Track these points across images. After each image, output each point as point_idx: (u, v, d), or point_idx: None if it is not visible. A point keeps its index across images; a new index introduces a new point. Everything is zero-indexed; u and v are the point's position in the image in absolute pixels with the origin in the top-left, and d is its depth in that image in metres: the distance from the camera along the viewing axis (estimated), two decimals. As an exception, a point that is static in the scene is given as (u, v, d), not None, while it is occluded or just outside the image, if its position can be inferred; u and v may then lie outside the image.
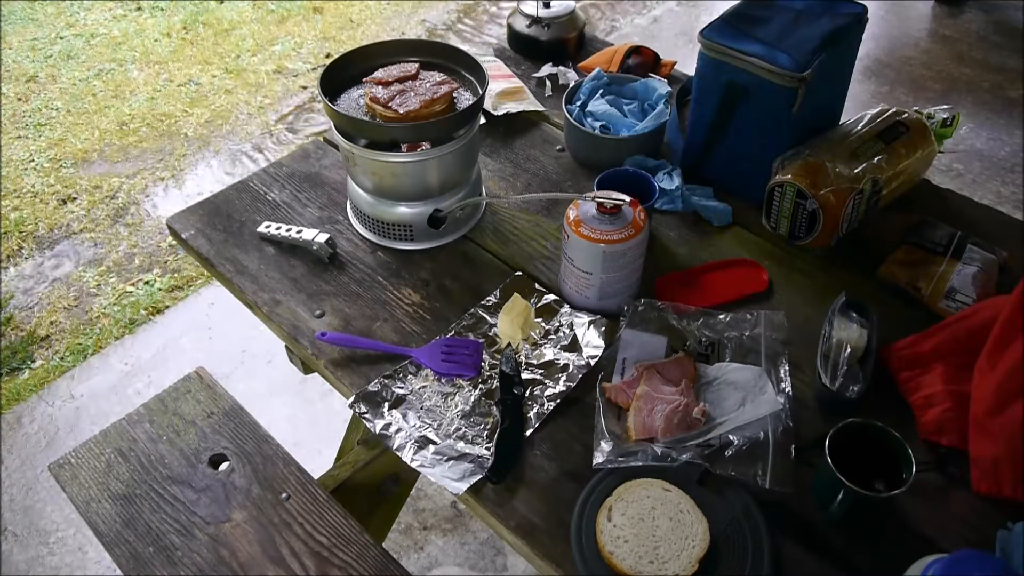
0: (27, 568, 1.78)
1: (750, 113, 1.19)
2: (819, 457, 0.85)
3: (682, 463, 0.90)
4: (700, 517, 0.85)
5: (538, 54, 1.58)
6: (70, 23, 3.59)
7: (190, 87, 3.20)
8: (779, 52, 1.12)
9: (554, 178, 1.34)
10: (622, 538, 0.84)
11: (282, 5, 3.67)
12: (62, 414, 2.08)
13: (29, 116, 3.06)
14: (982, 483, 0.89)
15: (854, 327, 1.00)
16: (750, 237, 1.22)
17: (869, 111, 1.24)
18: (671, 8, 3.61)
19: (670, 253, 1.20)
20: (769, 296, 1.12)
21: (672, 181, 1.25)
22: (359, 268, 1.19)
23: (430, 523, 1.81)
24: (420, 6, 3.69)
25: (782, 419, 0.94)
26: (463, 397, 1.01)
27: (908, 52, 3.22)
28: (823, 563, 0.84)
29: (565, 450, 0.95)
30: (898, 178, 1.19)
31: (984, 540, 0.85)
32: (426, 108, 1.11)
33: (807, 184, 1.11)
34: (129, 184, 2.77)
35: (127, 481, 1.17)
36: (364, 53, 1.22)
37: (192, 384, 1.31)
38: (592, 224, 1.02)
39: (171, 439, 1.22)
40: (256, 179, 1.35)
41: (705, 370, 1.01)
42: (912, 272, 1.12)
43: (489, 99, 1.42)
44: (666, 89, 1.38)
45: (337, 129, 1.15)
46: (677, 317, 1.07)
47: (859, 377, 0.96)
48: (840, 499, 0.82)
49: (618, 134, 1.32)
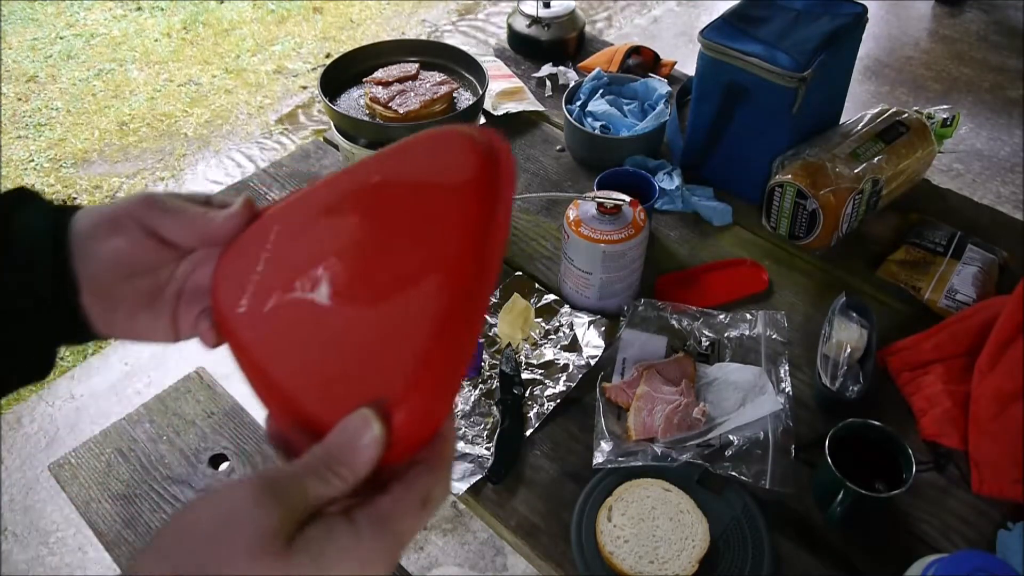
0: (27, 568, 1.77)
1: (750, 113, 1.19)
2: (819, 457, 0.85)
3: (682, 463, 0.90)
4: (700, 517, 0.85)
5: (538, 54, 1.58)
6: (70, 23, 3.59)
7: (190, 87, 3.20)
8: (779, 52, 1.12)
9: (554, 178, 1.33)
10: (622, 538, 0.84)
11: (282, 5, 3.67)
12: (62, 414, 2.08)
13: (29, 116, 3.06)
14: (982, 483, 0.89)
15: (854, 327, 1.00)
16: (750, 237, 1.22)
17: (869, 111, 1.24)
18: (671, 8, 3.61)
19: (670, 253, 1.20)
20: (769, 296, 1.12)
21: (672, 181, 1.25)
22: (359, 268, 1.19)
23: (430, 523, 1.81)
24: (420, 6, 3.69)
25: (782, 419, 0.94)
26: (463, 397, 1.01)
27: (908, 52, 3.22)
28: (823, 563, 0.84)
29: (565, 450, 0.95)
30: (898, 178, 1.19)
31: (984, 540, 0.85)
32: (426, 108, 1.12)
33: (807, 184, 1.11)
34: (129, 184, 2.77)
35: (127, 481, 1.17)
36: (364, 53, 1.22)
37: (192, 384, 1.31)
38: (592, 224, 1.02)
39: (171, 439, 1.22)
40: (256, 179, 1.35)
41: (705, 370, 1.01)
42: (912, 272, 1.12)
43: (489, 99, 1.42)
44: (666, 89, 1.38)
45: (337, 129, 1.15)
46: (677, 317, 1.07)
47: (859, 377, 0.96)
48: (840, 499, 0.82)
49: (618, 134, 1.32)
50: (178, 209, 0.47)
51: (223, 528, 0.34)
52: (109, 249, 0.46)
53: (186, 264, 0.49)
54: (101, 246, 0.46)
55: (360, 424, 0.37)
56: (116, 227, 0.47)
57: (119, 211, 0.47)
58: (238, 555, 0.33)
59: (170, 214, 0.47)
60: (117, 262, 0.47)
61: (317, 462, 0.36)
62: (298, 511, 0.35)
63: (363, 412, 0.37)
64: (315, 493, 0.36)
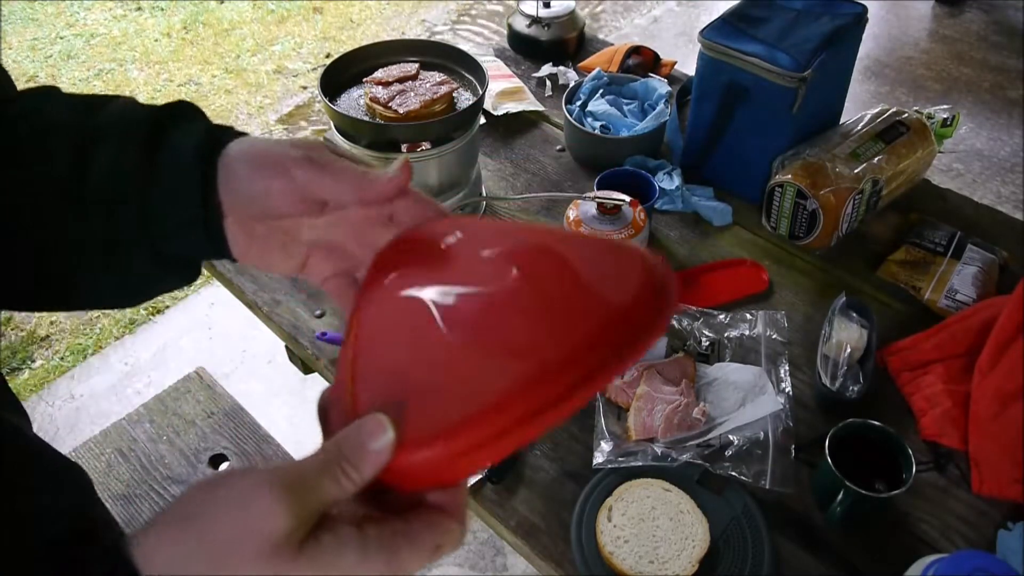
0: (27, 568, 1.77)
1: (750, 113, 1.19)
2: (819, 457, 0.85)
3: (682, 463, 0.90)
4: (700, 517, 0.85)
5: (538, 54, 1.58)
6: (70, 23, 3.59)
7: (190, 87, 3.20)
8: (779, 52, 1.12)
9: (554, 178, 1.33)
10: (622, 538, 0.84)
11: (282, 5, 3.67)
12: (62, 414, 2.08)
13: (29, 116, 3.06)
14: (982, 483, 0.89)
15: (854, 327, 1.00)
16: (750, 237, 1.22)
17: (869, 111, 1.24)
18: (671, 8, 3.61)
19: (670, 253, 1.20)
20: (769, 296, 1.12)
21: (672, 181, 1.25)
22: (359, 268, 1.19)
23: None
24: (420, 6, 3.69)
25: (782, 419, 0.94)
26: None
27: (908, 52, 3.22)
28: (823, 563, 0.84)
29: (565, 450, 0.95)
30: (898, 178, 1.19)
31: (984, 540, 0.85)
32: (426, 108, 1.11)
33: (807, 184, 1.11)
34: (129, 184, 2.77)
35: (127, 481, 1.17)
36: (364, 53, 1.22)
37: (192, 384, 1.31)
38: (592, 224, 1.02)
39: (171, 439, 1.22)
40: (256, 179, 1.35)
41: (705, 370, 1.01)
42: (912, 272, 1.12)
43: (489, 99, 1.42)
44: (666, 89, 1.38)
45: (337, 129, 1.15)
46: (677, 317, 1.07)
47: (859, 377, 0.96)
48: (840, 499, 0.82)
49: (618, 134, 1.32)
50: (338, 168, 0.46)
51: (238, 524, 0.34)
52: (257, 190, 0.46)
53: (329, 217, 0.48)
54: (249, 184, 0.46)
55: (374, 427, 0.36)
56: (269, 169, 0.46)
57: (276, 154, 0.46)
58: (251, 554, 0.33)
59: (329, 172, 0.45)
60: (262, 203, 0.46)
61: (331, 459, 0.36)
62: (315, 513, 0.35)
63: (378, 417, 0.37)
64: (331, 494, 0.35)
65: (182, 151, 0.46)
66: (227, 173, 0.46)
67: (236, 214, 0.47)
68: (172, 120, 0.48)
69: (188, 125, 0.48)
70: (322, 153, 0.46)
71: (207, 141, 0.47)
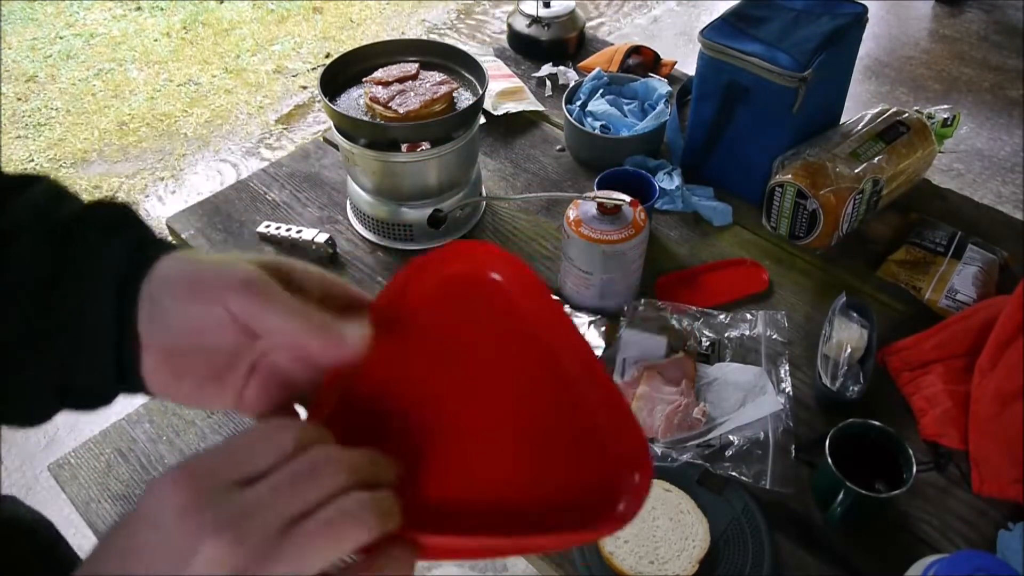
0: (27, 568, 1.77)
1: (750, 113, 1.19)
2: (819, 457, 0.85)
3: (682, 463, 0.90)
4: (700, 517, 0.85)
5: (538, 54, 1.58)
6: (70, 23, 3.59)
7: (190, 87, 3.20)
8: (779, 52, 1.12)
9: (554, 178, 1.33)
10: (622, 538, 0.84)
11: (282, 5, 3.67)
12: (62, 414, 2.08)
13: (29, 116, 3.06)
14: (982, 484, 0.89)
15: (854, 327, 1.00)
16: (750, 237, 1.22)
17: (869, 111, 1.24)
18: (671, 8, 3.61)
19: (670, 253, 1.20)
20: (769, 296, 1.12)
21: (672, 181, 1.25)
22: (359, 268, 1.19)
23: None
24: (420, 6, 3.69)
25: (782, 419, 0.94)
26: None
27: (908, 52, 3.22)
28: (823, 563, 0.84)
29: (565, 450, 0.95)
30: (898, 178, 1.19)
31: (984, 540, 0.85)
32: (426, 108, 1.11)
33: (807, 184, 1.11)
34: (129, 184, 2.77)
35: (127, 481, 1.17)
36: (364, 53, 1.21)
37: (192, 384, 1.31)
38: (592, 224, 1.02)
39: (171, 439, 1.22)
40: (256, 179, 1.35)
41: (705, 370, 1.01)
42: (912, 272, 1.12)
43: (489, 99, 1.42)
44: (666, 89, 1.38)
45: (337, 129, 1.15)
46: (677, 317, 1.07)
47: (859, 377, 0.96)
48: (840, 499, 0.82)
49: (618, 134, 1.32)
50: (280, 304, 0.40)
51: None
52: (187, 323, 0.40)
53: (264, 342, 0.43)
54: (177, 318, 0.41)
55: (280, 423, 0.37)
56: (201, 296, 0.40)
57: (209, 280, 0.40)
58: None
59: (271, 307, 0.39)
60: (192, 338, 0.41)
61: None
62: None
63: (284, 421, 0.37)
64: None
65: (94, 275, 0.40)
66: (151, 305, 0.41)
67: (158, 348, 0.41)
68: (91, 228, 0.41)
69: (109, 240, 0.41)
70: (265, 282, 0.40)
71: (128, 264, 0.41)
